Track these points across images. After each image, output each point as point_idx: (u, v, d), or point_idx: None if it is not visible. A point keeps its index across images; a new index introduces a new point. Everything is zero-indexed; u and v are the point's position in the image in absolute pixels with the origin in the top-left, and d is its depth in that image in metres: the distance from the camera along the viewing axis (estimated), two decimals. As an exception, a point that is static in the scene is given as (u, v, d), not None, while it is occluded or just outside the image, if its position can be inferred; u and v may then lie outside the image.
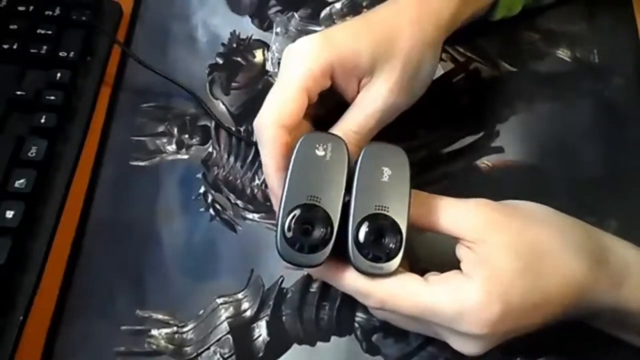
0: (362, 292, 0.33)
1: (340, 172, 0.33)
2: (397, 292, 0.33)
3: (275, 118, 0.35)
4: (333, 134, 0.34)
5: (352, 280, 0.33)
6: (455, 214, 0.34)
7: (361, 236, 0.32)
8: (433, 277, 0.33)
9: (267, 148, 0.35)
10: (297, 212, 0.32)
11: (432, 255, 0.39)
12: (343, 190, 0.33)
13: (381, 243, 0.32)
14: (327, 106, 0.40)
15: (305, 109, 0.36)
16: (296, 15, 0.53)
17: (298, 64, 0.36)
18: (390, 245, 0.32)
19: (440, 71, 0.49)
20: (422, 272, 0.34)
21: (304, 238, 0.32)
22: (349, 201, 0.33)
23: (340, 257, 0.33)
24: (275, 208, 0.35)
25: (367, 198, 0.33)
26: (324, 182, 0.33)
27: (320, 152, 0.33)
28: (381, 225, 0.32)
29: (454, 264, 0.34)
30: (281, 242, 0.32)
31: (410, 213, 0.33)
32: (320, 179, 0.33)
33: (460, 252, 0.34)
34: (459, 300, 0.32)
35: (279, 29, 0.52)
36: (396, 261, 0.32)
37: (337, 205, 0.33)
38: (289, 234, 0.32)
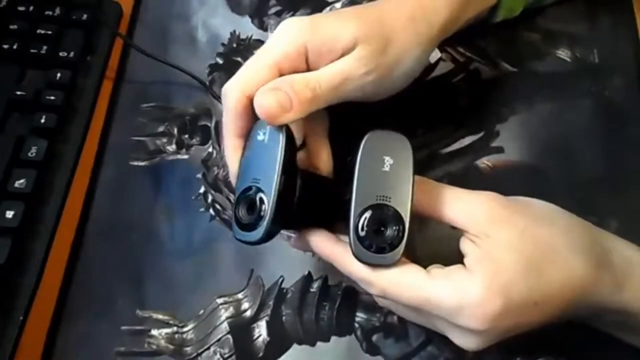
0: (365, 280, 0.33)
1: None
2: (399, 282, 0.33)
3: (240, 86, 0.36)
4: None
5: (355, 269, 0.33)
6: (462, 206, 0.34)
7: (362, 227, 0.32)
8: (436, 270, 0.33)
9: (228, 112, 0.36)
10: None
11: (433, 254, 0.39)
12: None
13: (383, 234, 0.32)
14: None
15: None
16: (297, 14, 0.53)
17: (277, 40, 0.37)
18: (392, 236, 0.32)
19: (440, 71, 0.49)
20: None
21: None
22: (350, 192, 0.33)
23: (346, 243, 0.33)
24: (231, 176, 0.36)
25: (368, 188, 0.33)
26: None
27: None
28: (382, 215, 0.32)
29: (454, 262, 0.34)
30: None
31: (415, 201, 0.33)
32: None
33: (464, 245, 0.34)
34: (460, 294, 0.32)
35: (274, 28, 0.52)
36: (398, 251, 0.32)
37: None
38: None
